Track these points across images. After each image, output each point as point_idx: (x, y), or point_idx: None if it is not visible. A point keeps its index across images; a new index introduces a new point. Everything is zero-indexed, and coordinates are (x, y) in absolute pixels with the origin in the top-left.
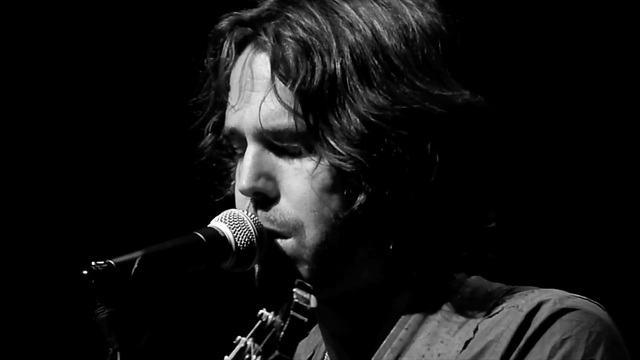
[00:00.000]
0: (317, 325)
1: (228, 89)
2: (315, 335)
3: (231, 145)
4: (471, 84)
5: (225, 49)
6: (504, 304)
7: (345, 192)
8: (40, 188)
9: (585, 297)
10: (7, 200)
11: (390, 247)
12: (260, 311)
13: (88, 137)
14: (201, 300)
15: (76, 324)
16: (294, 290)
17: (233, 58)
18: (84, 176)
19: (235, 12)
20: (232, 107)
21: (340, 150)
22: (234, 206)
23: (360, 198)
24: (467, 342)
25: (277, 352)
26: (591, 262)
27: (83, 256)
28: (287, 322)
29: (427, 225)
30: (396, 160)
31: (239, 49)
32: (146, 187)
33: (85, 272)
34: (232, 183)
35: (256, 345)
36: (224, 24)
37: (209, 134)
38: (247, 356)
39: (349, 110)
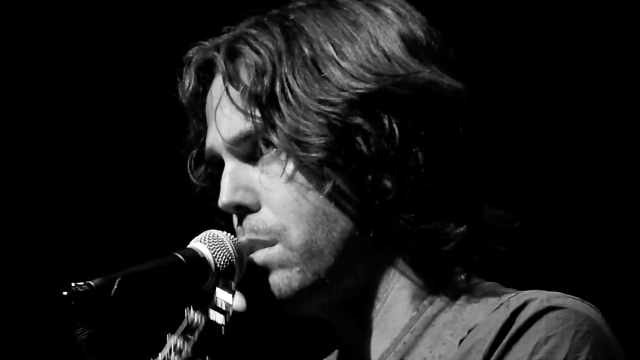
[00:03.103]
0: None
1: (204, 117)
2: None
3: (215, 168)
4: (440, 67)
5: (187, 77)
6: (502, 305)
7: (315, 186)
8: (19, 208)
9: (578, 298)
10: None
11: (371, 235)
12: (187, 309)
13: (72, 152)
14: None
15: (56, 345)
16: (216, 289)
17: (195, 85)
18: (65, 196)
19: (200, 42)
20: (207, 132)
21: (298, 142)
22: (210, 225)
23: (327, 186)
24: (460, 341)
25: (189, 354)
26: (589, 262)
27: (63, 277)
28: (204, 323)
29: (404, 208)
30: (355, 143)
31: (207, 78)
32: (127, 207)
33: (65, 293)
34: None
35: (183, 343)
36: (187, 54)
37: (195, 166)
38: (170, 355)
39: (302, 104)
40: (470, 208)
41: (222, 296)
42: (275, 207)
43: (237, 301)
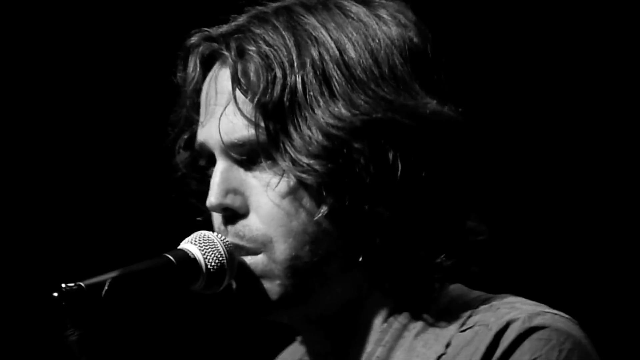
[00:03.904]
0: (299, 339)
1: (198, 105)
2: (297, 350)
3: (204, 160)
4: (441, 94)
5: (191, 65)
6: (476, 318)
7: (309, 205)
8: (9, 210)
9: (556, 312)
10: None
11: (360, 260)
12: None
13: (58, 150)
14: (171, 322)
15: (47, 346)
16: None
17: (198, 74)
18: (55, 196)
19: (204, 29)
20: (201, 122)
21: (300, 162)
22: (201, 226)
23: (322, 210)
24: (439, 358)
25: None
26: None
27: (53, 277)
28: None
29: (396, 235)
30: (357, 171)
31: (207, 66)
32: (117, 208)
33: (55, 294)
34: None
35: None
36: (192, 40)
37: (182, 151)
38: None
39: (309, 122)
40: (462, 239)
41: None
42: (264, 217)
43: None
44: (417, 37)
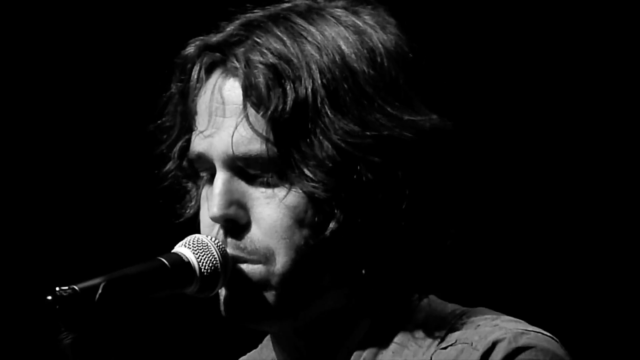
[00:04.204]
0: (267, 338)
1: (195, 113)
2: (266, 351)
3: (195, 168)
4: (437, 107)
5: (194, 75)
6: (457, 334)
7: (316, 219)
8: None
9: (538, 330)
10: None
11: (362, 273)
12: None
13: (50, 153)
14: (165, 326)
15: (40, 349)
16: None
17: (202, 84)
18: (49, 198)
19: (201, 37)
20: (201, 132)
21: (312, 177)
22: (195, 229)
23: (332, 225)
24: None
25: None
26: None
27: (46, 281)
28: None
29: (396, 250)
30: (368, 187)
31: (207, 74)
32: (109, 211)
33: (49, 297)
34: (192, 205)
35: None
36: (191, 49)
37: (174, 159)
38: None
39: (321, 137)
40: (443, 244)
41: None
42: (267, 229)
43: None
44: (409, 48)
